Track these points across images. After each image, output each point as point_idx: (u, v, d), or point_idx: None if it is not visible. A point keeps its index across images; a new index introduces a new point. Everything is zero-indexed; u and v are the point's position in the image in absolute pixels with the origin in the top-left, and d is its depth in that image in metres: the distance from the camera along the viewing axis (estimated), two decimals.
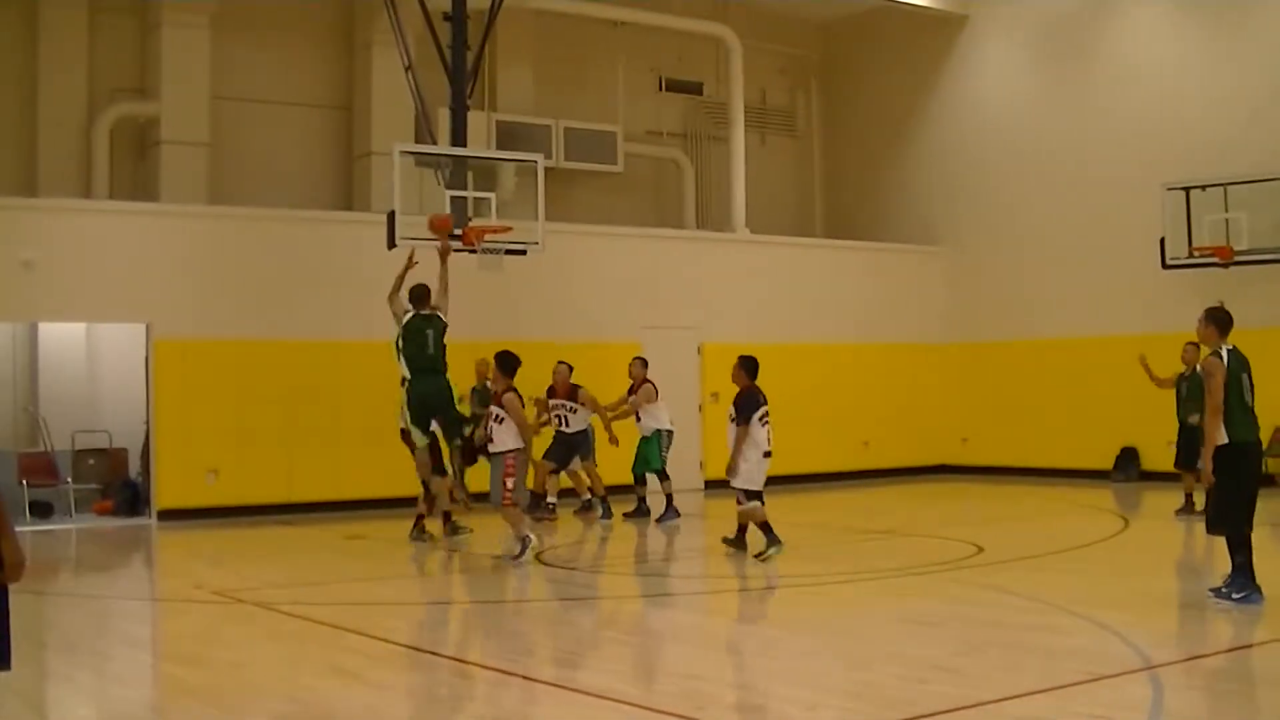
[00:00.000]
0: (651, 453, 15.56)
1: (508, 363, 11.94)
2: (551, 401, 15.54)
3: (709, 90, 22.82)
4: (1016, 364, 21.22)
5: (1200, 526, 10.84)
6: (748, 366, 12.09)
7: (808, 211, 24.17)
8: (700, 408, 19.89)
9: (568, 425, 15.49)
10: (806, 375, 20.68)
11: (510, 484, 11.66)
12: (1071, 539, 13.49)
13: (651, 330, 19.39)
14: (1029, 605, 9.52)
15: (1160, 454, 19.52)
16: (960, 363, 21.92)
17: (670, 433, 15.62)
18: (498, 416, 11.72)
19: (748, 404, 11.77)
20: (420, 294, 13.66)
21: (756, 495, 11.78)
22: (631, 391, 15.68)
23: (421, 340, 13.50)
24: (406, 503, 14.50)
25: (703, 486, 19.69)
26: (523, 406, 12.04)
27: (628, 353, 18.61)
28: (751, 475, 11.68)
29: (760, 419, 11.70)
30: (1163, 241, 18.53)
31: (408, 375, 13.56)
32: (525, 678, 7.43)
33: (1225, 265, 18.05)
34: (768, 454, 11.73)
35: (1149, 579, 10.85)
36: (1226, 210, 18.09)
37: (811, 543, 13.64)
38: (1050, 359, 20.70)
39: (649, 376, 15.74)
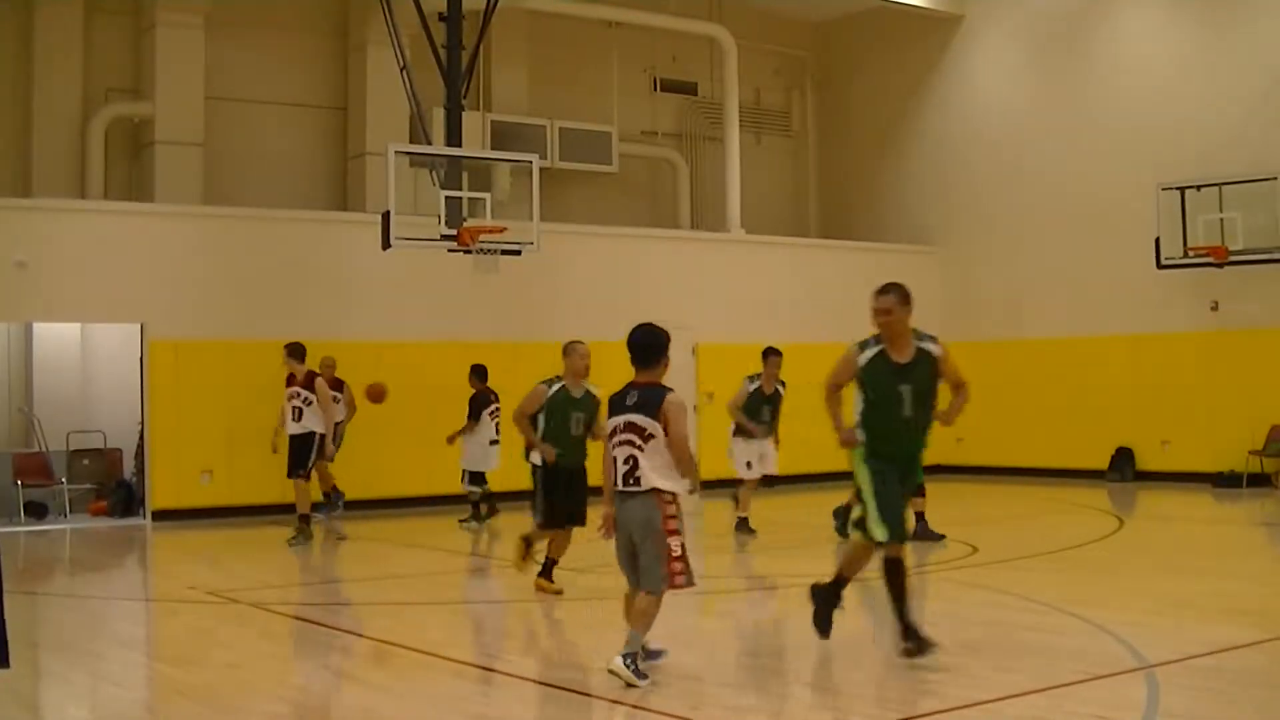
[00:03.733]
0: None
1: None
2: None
3: (704, 90, 22.82)
4: (1012, 364, 21.22)
5: (1192, 526, 10.85)
6: (478, 373, 15.32)
7: (802, 212, 24.18)
8: (695, 408, 19.88)
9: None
10: (801, 375, 20.62)
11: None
12: (1066, 539, 13.49)
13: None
14: (1025, 605, 9.52)
15: (1154, 454, 19.60)
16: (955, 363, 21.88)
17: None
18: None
19: (477, 404, 15.13)
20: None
21: (480, 477, 15.03)
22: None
23: None
24: (401, 503, 14.51)
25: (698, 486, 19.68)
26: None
27: (622, 353, 18.63)
28: (476, 459, 15.01)
29: (490, 414, 15.04)
30: (1158, 241, 18.56)
31: None
32: (521, 678, 7.41)
33: (1220, 265, 18.08)
34: (495, 441, 15.06)
35: (1144, 579, 10.85)
36: (1221, 210, 18.12)
37: (810, 543, 13.63)
38: (1045, 359, 20.71)
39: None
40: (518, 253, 15.75)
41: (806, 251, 21.91)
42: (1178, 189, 18.46)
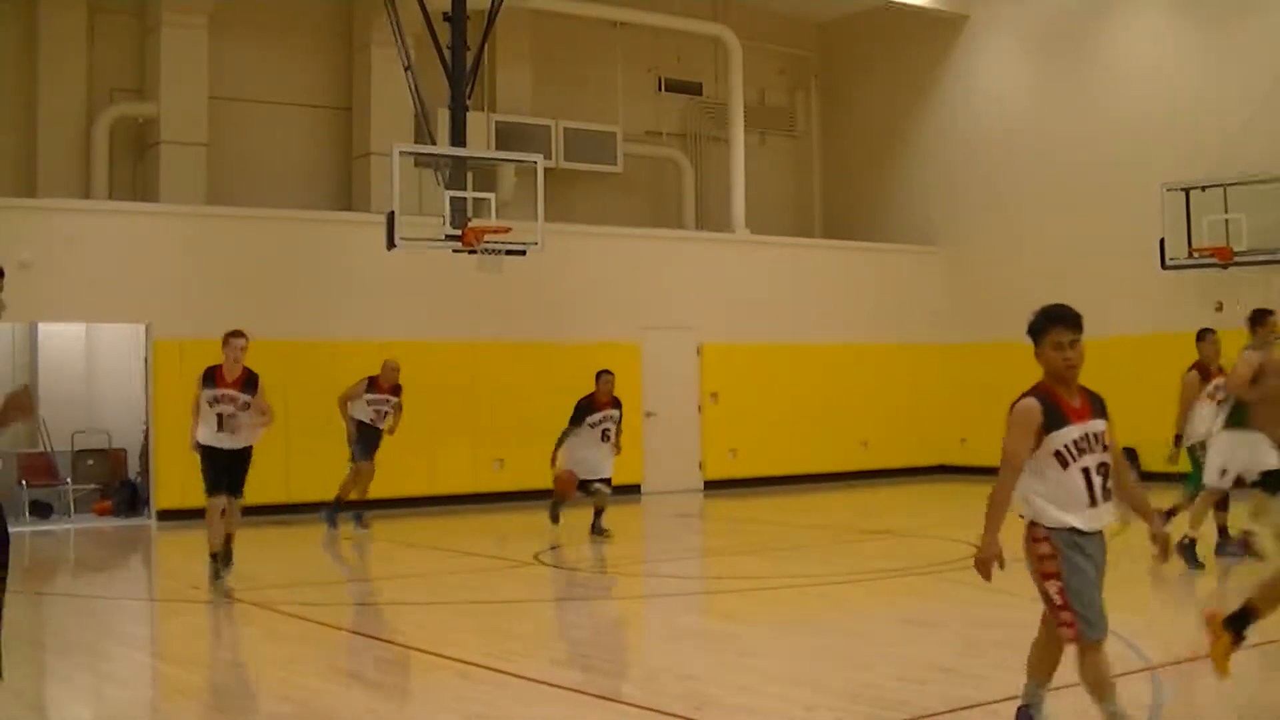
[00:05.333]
0: None
1: None
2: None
3: (708, 91, 22.81)
4: (1016, 364, 20.95)
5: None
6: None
7: (807, 212, 24.17)
8: (700, 408, 19.90)
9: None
10: (805, 375, 20.70)
11: None
12: None
13: (650, 330, 19.40)
14: (1028, 605, 9.49)
15: (1158, 455, 19.52)
16: (959, 363, 21.89)
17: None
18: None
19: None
20: None
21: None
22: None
23: None
24: (402, 503, 14.50)
25: (701, 487, 19.71)
26: None
27: (627, 353, 18.65)
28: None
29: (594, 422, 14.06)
30: (1162, 242, 18.54)
31: None
32: (524, 678, 7.42)
33: (1225, 266, 18.04)
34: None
35: (1148, 580, 10.84)
36: (1226, 211, 18.08)
37: (811, 543, 13.64)
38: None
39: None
40: (522, 253, 15.75)
41: (810, 252, 21.92)
42: (1182, 189, 18.44)
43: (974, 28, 22.25)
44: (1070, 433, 5.44)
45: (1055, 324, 5.72)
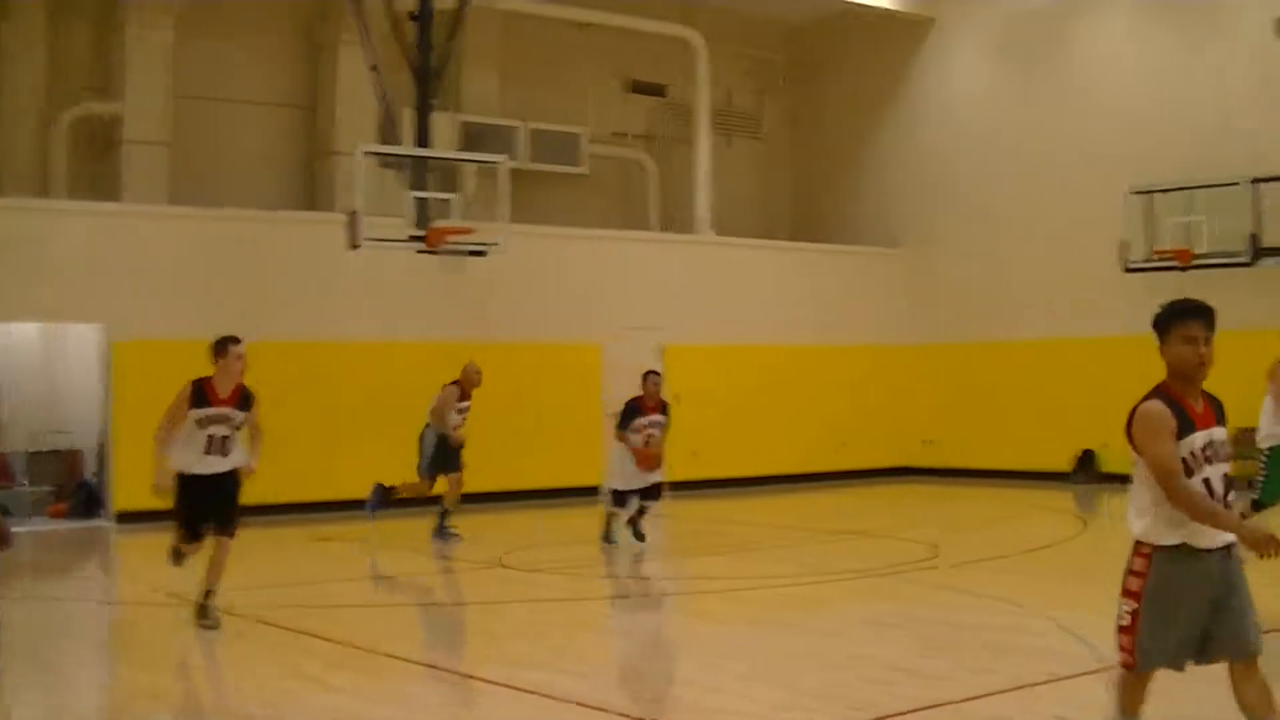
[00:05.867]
0: None
1: None
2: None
3: (675, 92, 22.80)
4: (979, 366, 21.30)
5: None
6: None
7: (772, 213, 24.18)
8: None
9: None
10: (769, 377, 20.72)
11: None
12: (1033, 541, 13.53)
13: (615, 332, 19.35)
14: (992, 606, 9.54)
15: (1119, 456, 19.56)
16: (923, 365, 21.96)
17: None
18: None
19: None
20: None
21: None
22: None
23: None
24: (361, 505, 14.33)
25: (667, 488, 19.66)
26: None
27: (589, 355, 18.61)
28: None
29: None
30: (1125, 244, 18.66)
31: None
32: (490, 682, 7.36)
33: (1184, 268, 18.13)
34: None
35: (1108, 580, 10.87)
36: (1189, 214, 18.19)
37: (778, 544, 13.63)
38: (1013, 361, 20.77)
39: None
40: (483, 254, 15.67)
41: (776, 253, 21.91)
42: (1146, 192, 18.55)
43: (940, 31, 22.33)
44: (1197, 439, 4.96)
45: (1187, 317, 5.19)
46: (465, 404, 14.39)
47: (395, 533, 14.82)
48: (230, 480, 9.19)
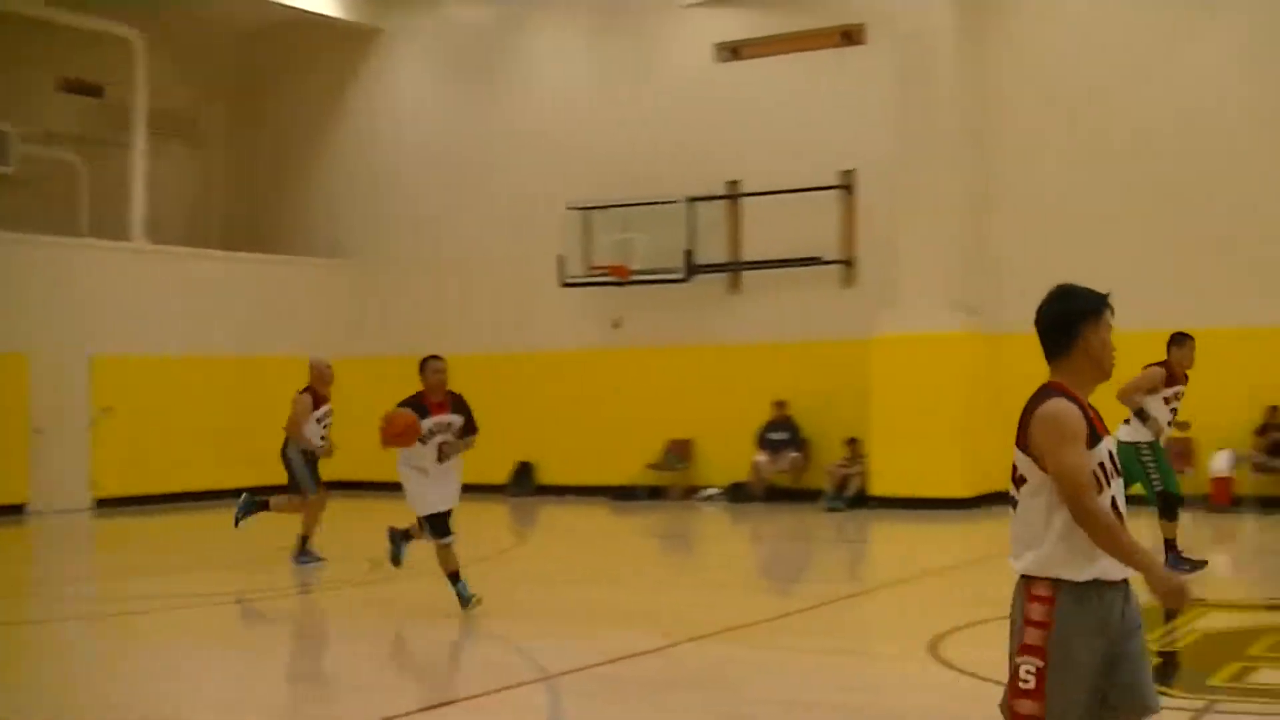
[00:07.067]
0: None
1: None
2: None
3: (113, 94, 21.99)
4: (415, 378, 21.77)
5: (593, 538, 11.71)
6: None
7: (209, 222, 23.81)
8: (92, 423, 19.26)
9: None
10: (207, 389, 20.39)
11: None
12: (478, 553, 14.24)
13: (38, 341, 18.55)
14: (429, 621, 9.89)
15: (557, 468, 20.50)
16: (370, 376, 21.38)
17: None
18: None
19: None
20: None
21: None
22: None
23: None
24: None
25: (92, 505, 19.10)
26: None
27: (13, 364, 17.79)
28: None
29: None
30: (561, 259, 19.64)
31: None
32: None
33: (621, 284, 19.32)
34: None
35: (546, 591, 11.50)
36: (624, 231, 19.34)
37: (204, 564, 13.67)
38: (458, 375, 21.38)
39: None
40: None
41: (210, 262, 21.57)
42: (584, 209, 19.57)
43: (387, 41, 22.59)
44: (1103, 449, 4.12)
45: (1106, 307, 4.18)
46: (324, 408, 13.14)
47: None
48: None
